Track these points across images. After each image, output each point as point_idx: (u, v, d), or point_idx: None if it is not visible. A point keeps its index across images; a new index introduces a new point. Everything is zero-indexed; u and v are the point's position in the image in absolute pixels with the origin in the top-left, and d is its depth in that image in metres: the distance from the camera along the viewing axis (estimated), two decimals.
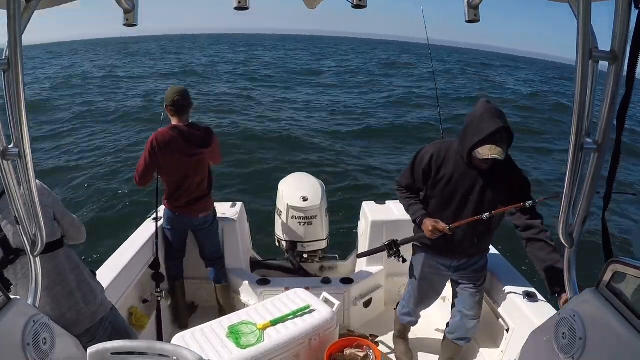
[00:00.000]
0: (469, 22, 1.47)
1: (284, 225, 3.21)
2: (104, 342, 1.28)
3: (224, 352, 1.91)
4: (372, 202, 3.35)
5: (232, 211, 3.24)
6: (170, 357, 1.32)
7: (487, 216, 2.05)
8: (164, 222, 2.92)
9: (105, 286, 2.06)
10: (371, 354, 2.17)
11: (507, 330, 2.33)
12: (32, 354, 1.38)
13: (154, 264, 2.89)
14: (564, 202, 1.34)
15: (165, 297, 2.89)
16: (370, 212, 3.17)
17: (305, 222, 3.15)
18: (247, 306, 2.63)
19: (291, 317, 2.14)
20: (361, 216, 3.38)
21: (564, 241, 1.42)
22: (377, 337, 2.86)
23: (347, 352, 2.18)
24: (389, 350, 2.78)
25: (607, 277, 1.31)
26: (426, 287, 2.44)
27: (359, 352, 2.18)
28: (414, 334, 2.78)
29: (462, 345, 2.38)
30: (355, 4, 1.27)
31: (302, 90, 21.01)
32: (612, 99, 1.16)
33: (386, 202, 3.34)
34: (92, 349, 1.20)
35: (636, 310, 1.20)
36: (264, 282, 2.89)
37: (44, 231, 1.46)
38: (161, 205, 2.93)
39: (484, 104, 2.00)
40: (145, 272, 2.84)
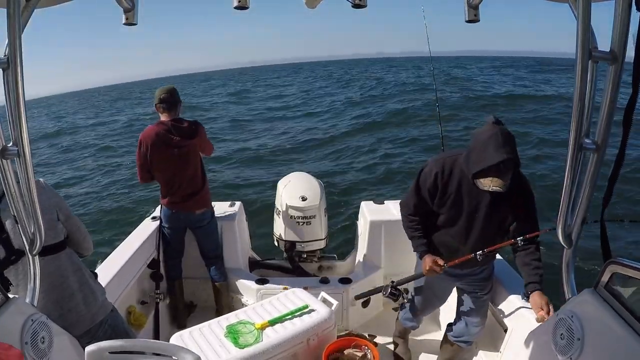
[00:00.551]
0: (469, 22, 1.47)
1: (283, 224, 3.21)
2: (102, 342, 1.28)
3: (222, 351, 1.91)
4: (371, 202, 3.36)
5: (231, 210, 3.25)
6: (168, 356, 1.32)
7: (481, 256, 2.02)
8: (161, 221, 2.92)
9: (103, 285, 2.06)
10: (369, 354, 2.17)
11: (505, 330, 2.32)
12: (30, 352, 1.37)
13: (153, 263, 2.89)
14: (562, 202, 1.34)
15: (163, 296, 2.89)
16: (369, 212, 3.17)
17: (304, 222, 3.15)
18: (246, 306, 2.63)
19: (289, 316, 2.14)
20: (360, 216, 3.38)
21: (562, 242, 1.42)
22: (376, 337, 2.86)
23: (346, 352, 2.18)
24: (387, 350, 2.78)
25: (606, 277, 1.32)
26: (431, 295, 2.41)
27: (357, 352, 2.18)
28: (413, 334, 2.78)
29: (463, 347, 2.38)
30: (355, 3, 1.28)
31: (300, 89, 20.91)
32: (612, 99, 1.16)
33: (385, 202, 3.34)
34: (90, 347, 1.20)
35: (634, 310, 1.20)
36: (262, 282, 2.89)
37: (43, 230, 1.46)
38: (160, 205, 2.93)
39: (491, 127, 1.81)
40: (144, 271, 2.83)
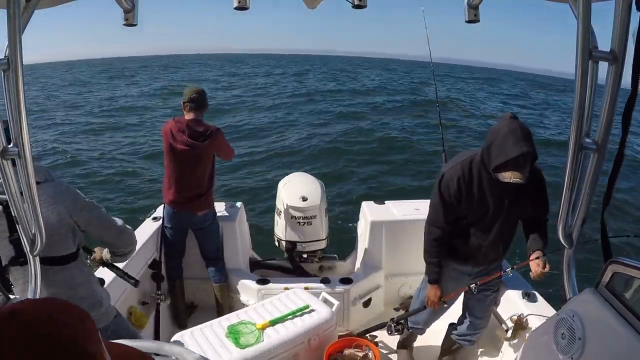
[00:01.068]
0: (469, 22, 1.47)
1: (284, 225, 3.20)
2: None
3: (223, 352, 1.91)
4: (372, 202, 3.35)
5: (232, 211, 3.25)
6: (168, 356, 1.32)
7: (475, 289, 2.12)
8: (164, 220, 2.92)
9: (103, 286, 2.06)
10: (370, 354, 2.17)
11: (506, 330, 2.33)
12: None
13: (154, 264, 2.89)
14: (563, 202, 1.34)
15: (164, 297, 2.89)
16: (369, 212, 3.17)
17: (304, 222, 3.14)
18: (247, 306, 2.63)
19: (290, 317, 2.14)
20: (360, 216, 3.38)
21: (563, 241, 1.42)
22: (377, 337, 2.86)
23: (347, 352, 2.18)
24: (388, 350, 2.77)
25: (607, 277, 1.31)
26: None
27: (358, 352, 2.18)
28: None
29: (466, 345, 2.39)
30: (355, 4, 1.28)
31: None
32: (612, 99, 1.16)
33: (385, 202, 3.33)
34: None
35: (635, 310, 1.20)
36: (263, 282, 2.89)
37: (44, 230, 1.46)
38: (162, 205, 2.93)
39: (509, 121, 1.84)
40: (144, 271, 2.83)
